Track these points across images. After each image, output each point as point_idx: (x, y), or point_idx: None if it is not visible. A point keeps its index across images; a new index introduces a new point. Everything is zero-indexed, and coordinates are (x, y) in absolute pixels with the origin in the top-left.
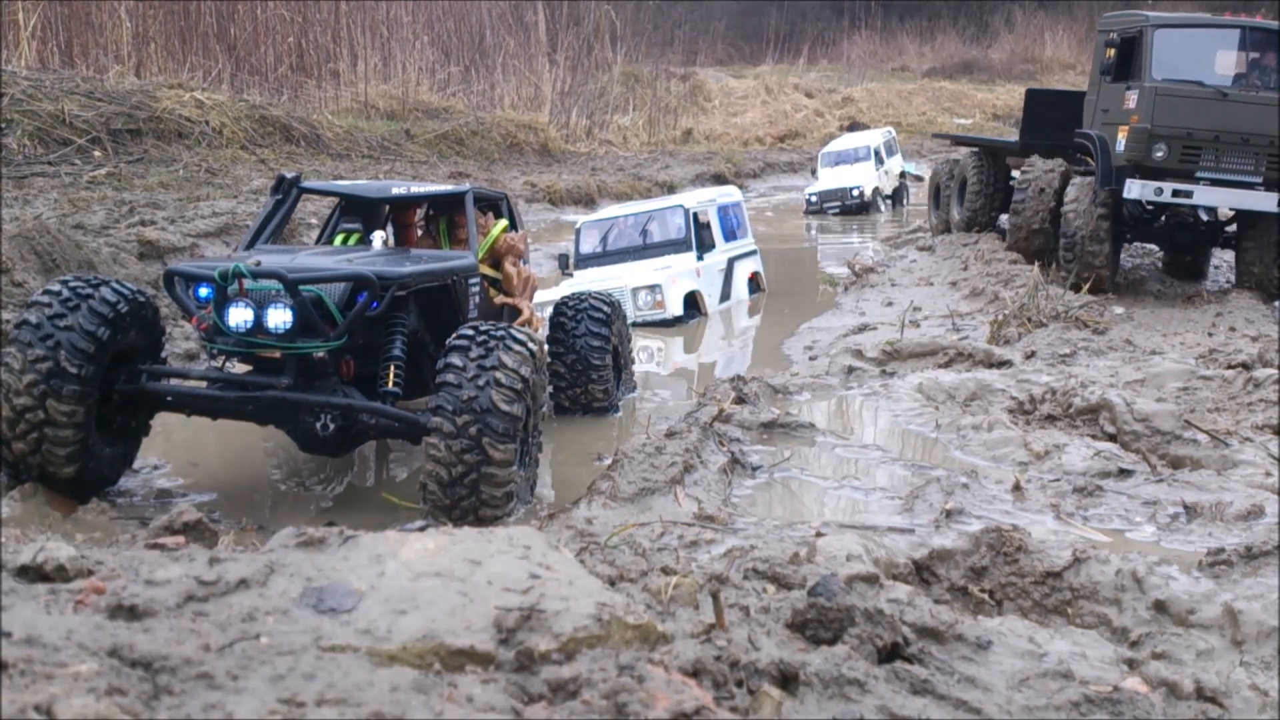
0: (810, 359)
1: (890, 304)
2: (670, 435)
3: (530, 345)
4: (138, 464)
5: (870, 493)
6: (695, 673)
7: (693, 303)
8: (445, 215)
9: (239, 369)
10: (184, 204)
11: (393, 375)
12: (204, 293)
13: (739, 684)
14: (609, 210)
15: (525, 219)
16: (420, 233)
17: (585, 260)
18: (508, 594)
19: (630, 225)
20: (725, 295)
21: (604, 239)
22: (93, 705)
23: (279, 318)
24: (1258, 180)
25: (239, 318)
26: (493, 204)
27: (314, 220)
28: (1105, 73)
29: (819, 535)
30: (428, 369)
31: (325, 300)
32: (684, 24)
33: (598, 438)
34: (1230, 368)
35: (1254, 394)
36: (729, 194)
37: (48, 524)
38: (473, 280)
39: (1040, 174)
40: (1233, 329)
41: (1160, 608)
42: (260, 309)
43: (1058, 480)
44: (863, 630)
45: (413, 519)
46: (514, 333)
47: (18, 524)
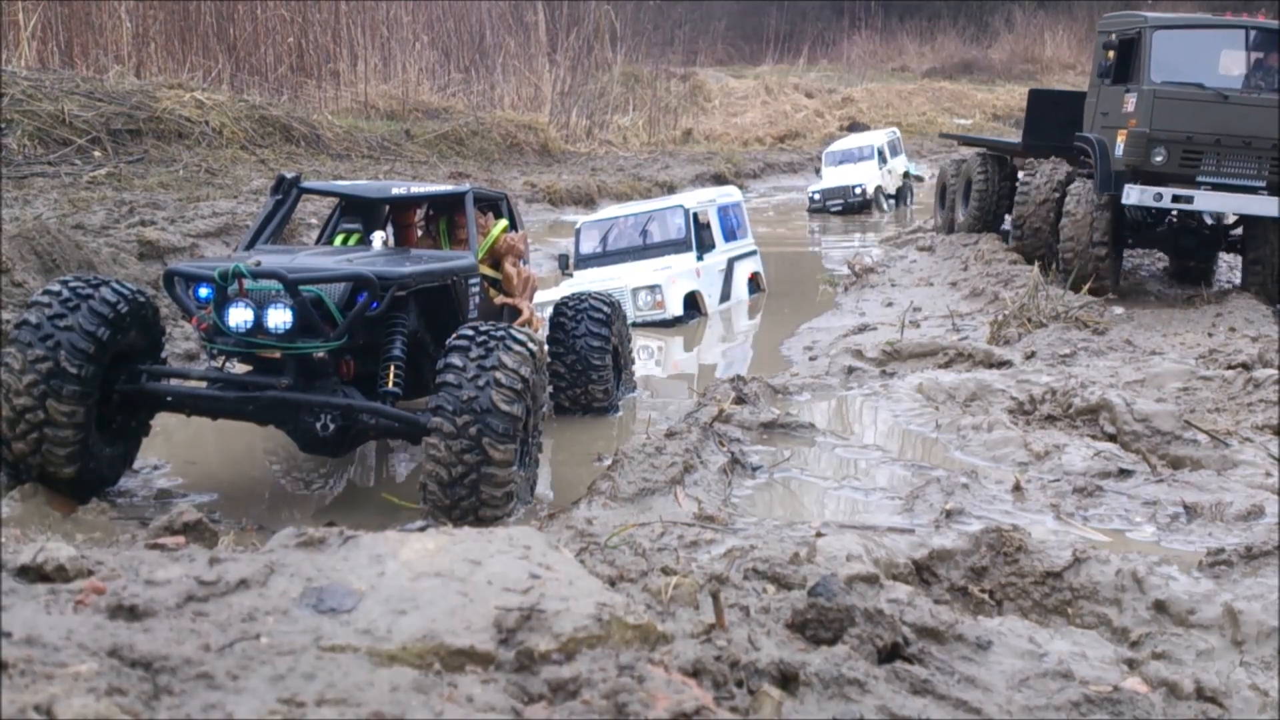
0: (810, 359)
1: (890, 304)
2: (670, 435)
3: (530, 345)
4: (138, 464)
5: (870, 493)
6: (695, 673)
7: (693, 303)
8: (445, 215)
9: (239, 369)
10: (184, 204)
11: (393, 375)
12: (204, 293)
13: (739, 684)
14: (609, 210)
15: (525, 219)
16: (420, 233)
17: (585, 260)
18: (508, 594)
19: (630, 225)
20: (725, 295)
21: (604, 239)
22: (93, 705)
23: (279, 318)
24: (1260, 185)
25: (239, 318)
26: (493, 204)
27: (314, 220)
28: (1104, 75)
29: (819, 535)
30: (428, 369)
31: (325, 300)
32: (684, 24)
33: (598, 438)
34: (1230, 368)
35: (1254, 394)
36: (729, 194)
37: (48, 524)
38: (473, 280)
39: (1041, 177)
40: (1233, 329)
41: (1160, 608)
42: (260, 309)
43: (1058, 480)
44: (863, 630)
45: (413, 519)
46: (514, 333)
47: (18, 524)
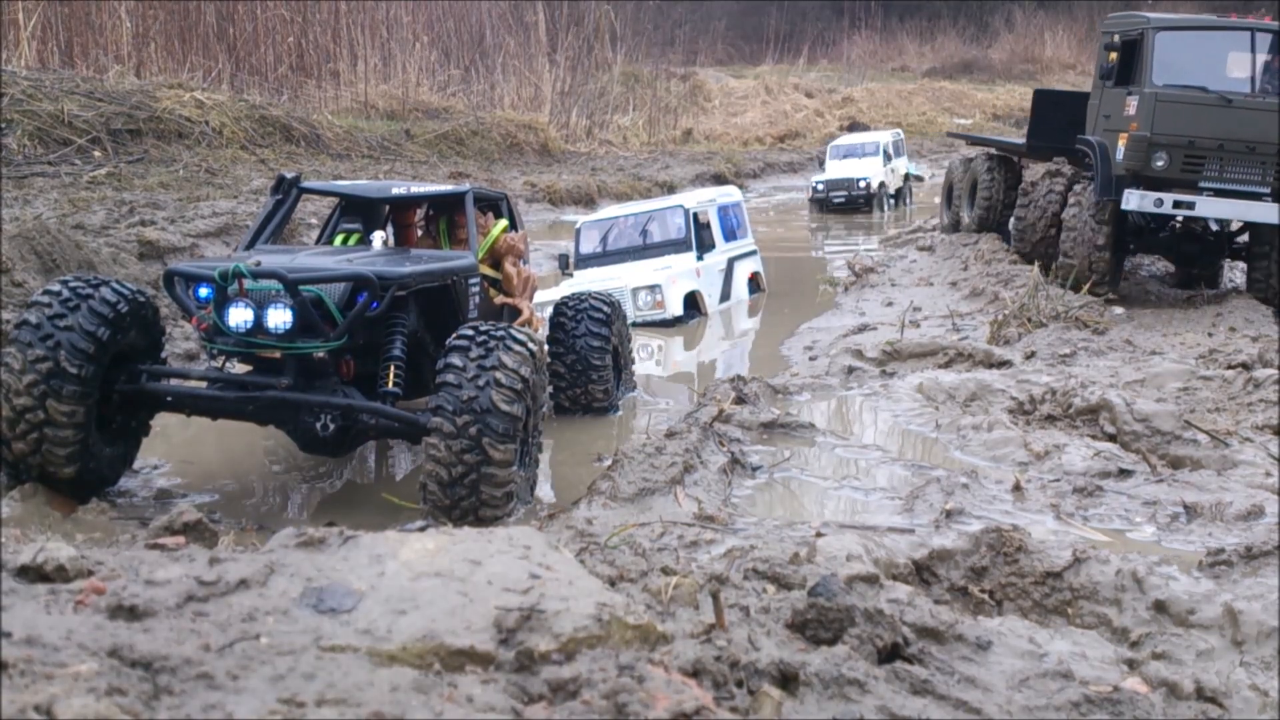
0: (810, 359)
1: (890, 304)
2: (670, 435)
3: (530, 345)
4: (138, 464)
5: (870, 493)
6: (695, 673)
7: (693, 303)
8: (445, 215)
9: (239, 369)
10: (184, 204)
11: (393, 375)
12: (204, 293)
13: (739, 684)
14: (609, 210)
15: (525, 219)
16: (420, 233)
17: (585, 260)
18: (508, 594)
19: (630, 225)
20: (725, 295)
21: (604, 239)
22: (93, 705)
23: (279, 318)
24: (1265, 191)
25: (239, 318)
26: (493, 204)
27: (314, 220)
28: (1105, 77)
29: (819, 535)
30: (428, 369)
31: (325, 300)
32: (684, 24)
33: (598, 438)
34: (1230, 368)
35: (1254, 394)
36: (729, 194)
37: (48, 524)
38: (473, 280)
39: (1044, 180)
40: (1233, 329)
41: (1160, 608)
42: (260, 309)
43: (1058, 480)
44: (863, 630)
45: (413, 519)
46: (514, 333)
47: (18, 524)
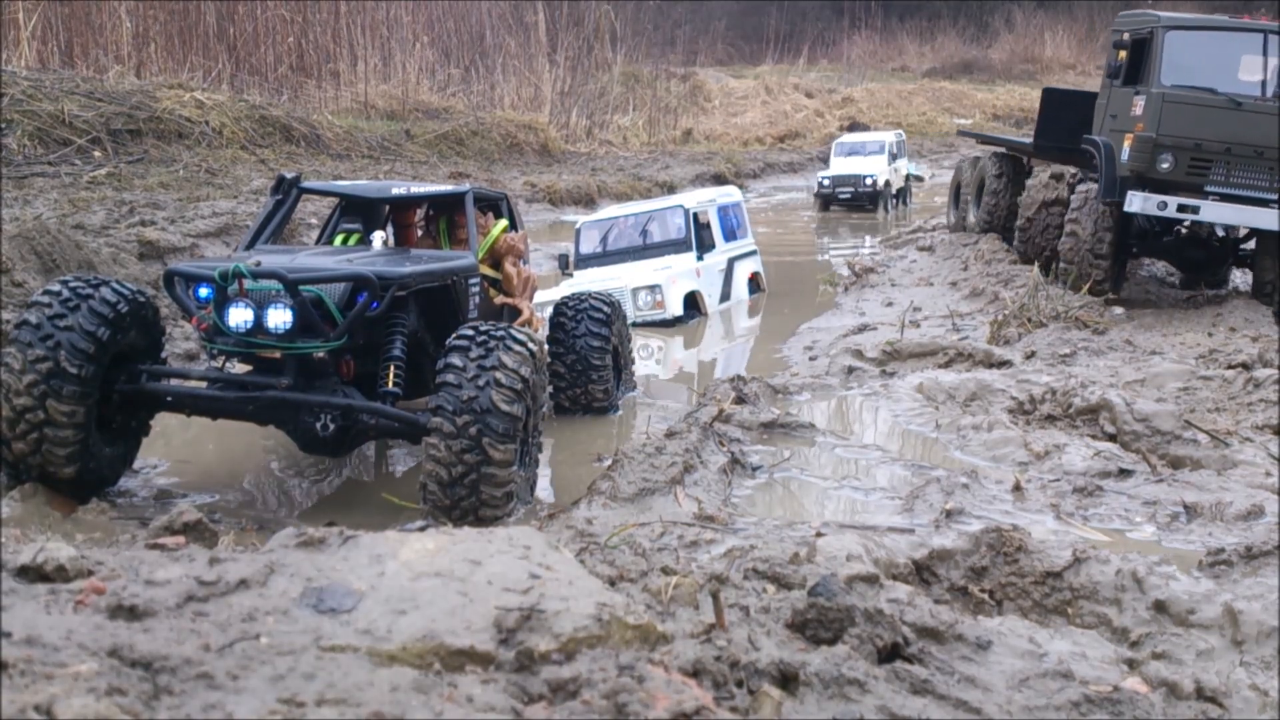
0: (810, 359)
1: (890, 304)
2: (670, 435)
3: (530, 345)
4: (138, 464)
5: (870, 493)
6: (695, 673)
7: (693, 303)
8: (445, 215)
9: (239, 369)
10: (184, 204)
11: (393, 375)
12: (204, 293)
13: (739, 684)
14: (609, 210)
15: (525, 219)
16: (420, 233)
17: (585, 260)
18: (508, 594)
19: (630, 225)
20: (725, 295)
21: (604, 239)
22: (93, 705)
23: (279, 318)
24: (1272, 197)
25: (239, 318)
26: (493, 204)
27: (314, 220)
28: (1113, 75)
29: (819, 535)
30: (428, 369)
31: (325, 300)
32: (684, 24)
33: (598, 438)
34: (1230, 368)
35: (1254, 394)
36: (729, 194)
37: (48, 524)
38: (473, 280)
39: (1048, 183)
40: (1233, 329)
41: (1160, 608)
42: (260, 309)
43: (1058, 480)
44: (863, 630)
45: (413, 519)
46: (514, 333)
47: (18, 524)
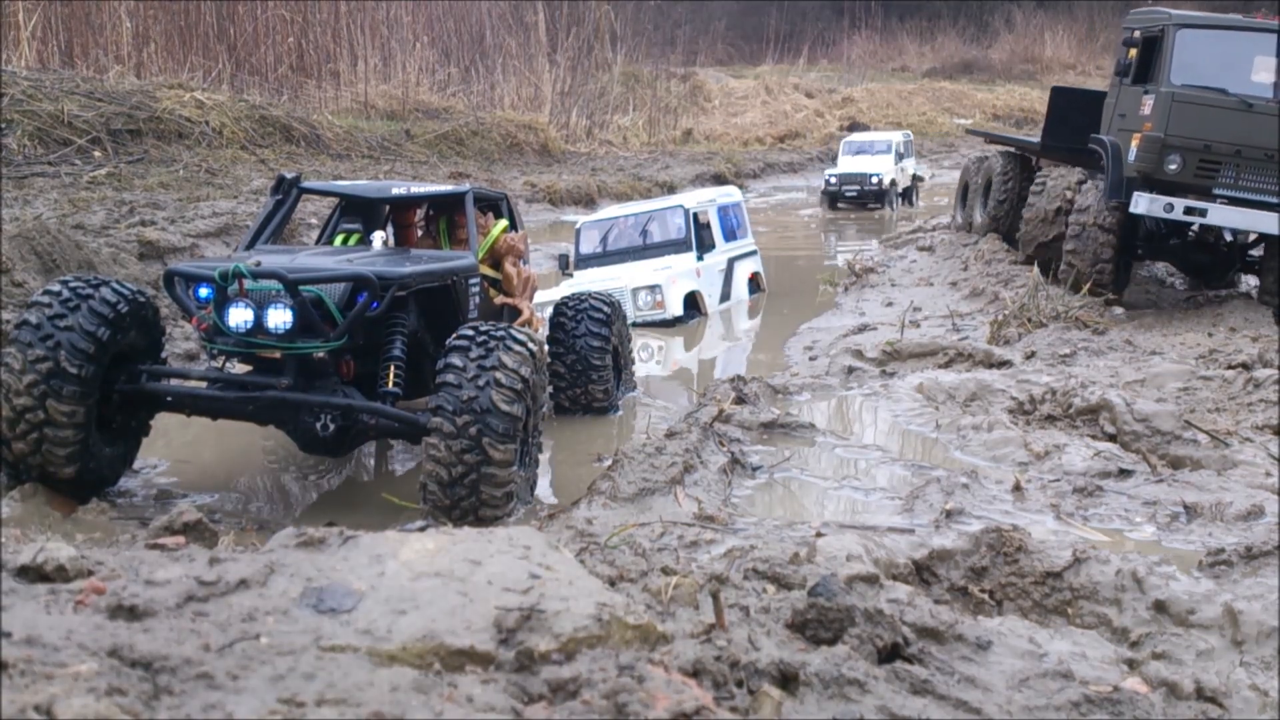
0: (810, 359)
1: (890, 304)
2: (670, 435)
3: (530, 345)
4: (138, 464)
5: (870, 493)
6: (695, 673)
7: (693, 303)
8: (445, 215)
9: (239, 369)
10: (184, 204)
11: (393, 375)
12: (204, 293)
13: (739, 684)
14: (609, 210)
15: (525, 219)
16: (420, 233)
17: (585, 260)
18: (508, 594)
19: (630, 225)
20: (725, 295)
21: (604, 239)
22: (93, 705)
23: (279, 318)
24: None
25: (239, 318)
26: (493, 204)
27: (314, 220)
28: (1122, 74)
29: (819, 535)
30: (428, 369)
31: (325, 300)
32: (684, 24)
33: (598, 438)
34: (1230, 368)
35: (1254, 394)
36: (729, 194)
37: (48, 524)
38: (473, 280)
39: (1052, 186)
40: (1233, 329)
41: (1160, 608)
42: (260, 309)
43: (1058, 480)
44: (863, 630)
45: (413, 519)
46: (514, 333)
47: (18, 524)
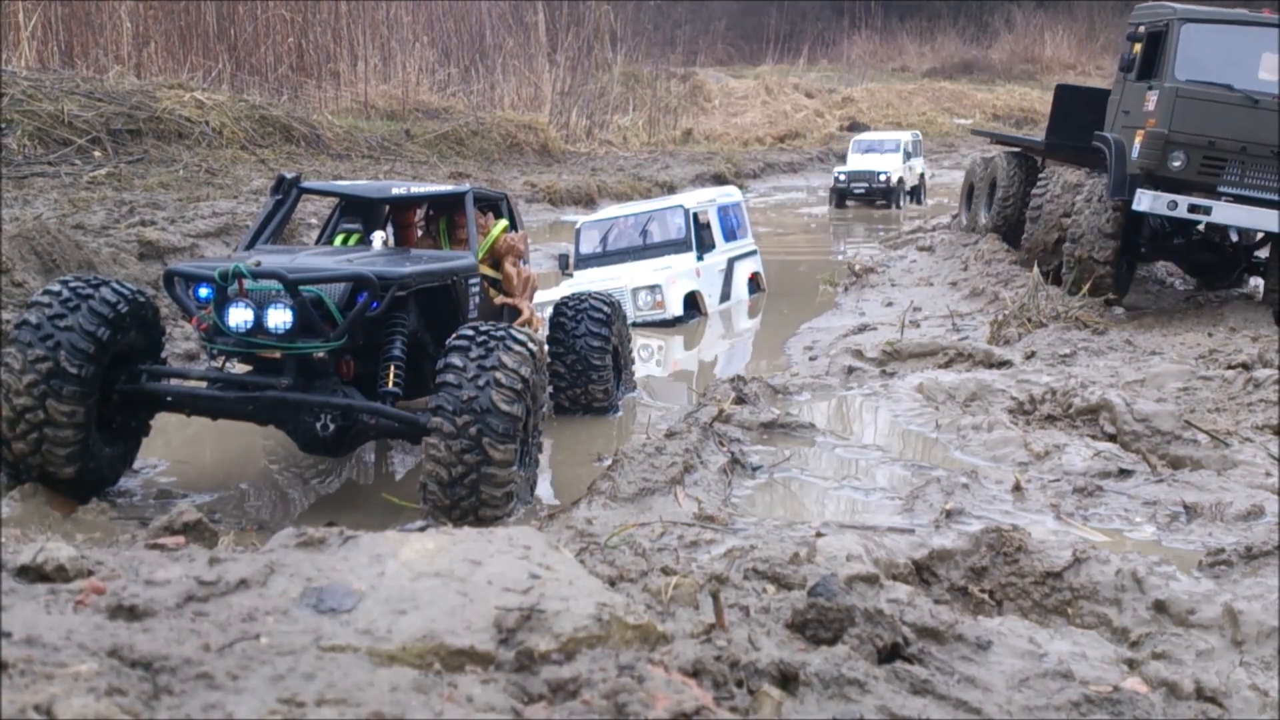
0: (810, 359)
1: (890, 304)
2: (670, 435)
3: (530, 345)
4: (138, 464)
5: (870, 493)
6: (695, 673)
7: (693, 303)
8: (445, 215)
9: (239, 369)
10: (184, 204)
11: (393, 375)
12: (204, 293)
13: (739, 684)
14: (609, 210)
15: (525, 219)
16: (420, 233)
17: (585, 260)
18: (508, 594)
19: (630, 225)
20: (725, 295)
21: (604, 239)
22: (93, 705)
23: (279, 318)
24: None
25: (239, 318)
26: (493, 204)
27: (314, 220)
28: (1127, 69)
29: (819, 535)
30: (428, 369)
31: (325, 300)
32: (684, 24)
33: (598, 438)
34: (1230, 368)
35: (1254, 394)
36: (729, 194)
37: (48, 524)
38: (473, 280)
39: (1056, 186)
40: (1233, 329)
41: (1160, 608)
42: (260, 309)
43: (1058, 480)
44: (863, 630)
45: (413, 519)
46: (514, 333)
47: (18, 524)
